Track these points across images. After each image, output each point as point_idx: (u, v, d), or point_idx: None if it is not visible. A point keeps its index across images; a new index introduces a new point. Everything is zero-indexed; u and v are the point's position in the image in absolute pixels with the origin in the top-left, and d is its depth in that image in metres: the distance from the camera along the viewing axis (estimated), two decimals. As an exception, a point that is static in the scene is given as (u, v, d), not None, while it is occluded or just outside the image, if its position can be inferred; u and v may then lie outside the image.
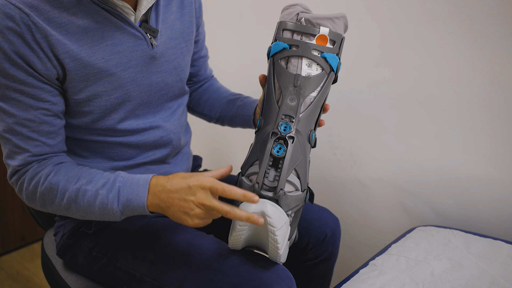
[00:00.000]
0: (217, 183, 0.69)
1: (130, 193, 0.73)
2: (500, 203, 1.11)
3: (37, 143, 0.77)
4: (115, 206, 0.73)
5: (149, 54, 0.83)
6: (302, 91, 0.75)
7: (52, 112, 0.77)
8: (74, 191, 0.74)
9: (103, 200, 0.73)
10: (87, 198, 0.74)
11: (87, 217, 0.77)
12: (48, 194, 0.75)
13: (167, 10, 0.87)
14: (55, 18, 0.72)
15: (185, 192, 0.70)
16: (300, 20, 0.77)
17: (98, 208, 0.74)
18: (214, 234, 0.91)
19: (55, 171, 0.76)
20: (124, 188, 0.74)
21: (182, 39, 0.91)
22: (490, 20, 1.03)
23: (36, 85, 0.74)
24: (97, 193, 0.74)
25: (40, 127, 0.76)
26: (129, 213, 0.75)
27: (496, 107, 1.07)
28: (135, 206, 0.73)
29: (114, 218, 0.75)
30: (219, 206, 0.69)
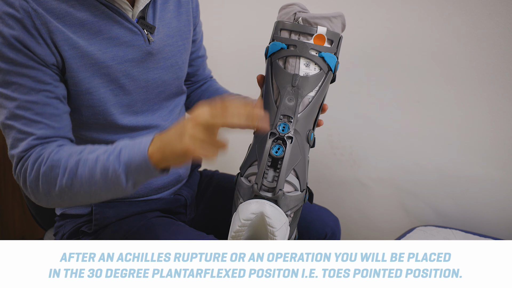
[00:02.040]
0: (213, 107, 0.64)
1: (131, 150, 0.67)
2: (500, 203, 1.11)
3: (41, 126, 0.73)
4: (117, 167, 0.67)
5: (146, 50, 0.83)
6: (300, 91, 0.75)
7: (54, 95, 0.75)
8: (75, 163, 0.69)
9: (104, 164, 0.67)
10: (88, 166, 0.69)
11: (94, 193, 0.70)
12: (50, 173, 0.70)
13: (164, 8, 0.88)
14: (54, 9, 0.73)
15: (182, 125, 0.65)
16: (298, 20, 0.77)
17: (100, 175, 0.68)
18: (213, 234, 0.91)
19: (57, 150, 0.73)
20: (125, 149, 0.68)
21: (179, 37, 0.91)
22: (490, 20, 1.03)
23: (37, 67, 0.73)
24: (98, 159, 0.68)
25: (44, 109, 0.74)
26: (133, 174, 0.67)
27: (496, 107, 1.07)
28: (137, 161, 0.66)
29: (119, 186, 0.68)
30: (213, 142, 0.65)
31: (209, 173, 1.10)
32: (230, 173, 1.12)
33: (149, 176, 0.69)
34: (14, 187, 1.50)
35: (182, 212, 0.98)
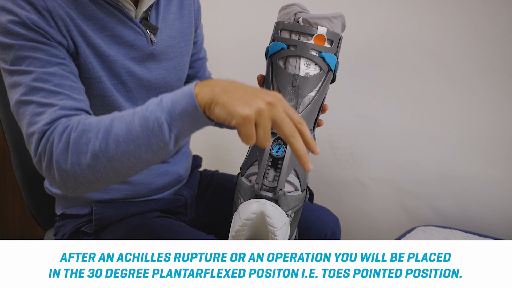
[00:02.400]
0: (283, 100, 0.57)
1: (174, 95, 0.58)
2: (500, 203, 1.11)
3: (63, 96, 0.67)
4: (159, 115, 0.57)
5: (148, 50, 0.84)
6: (301, 91, 0.75)
7: (70, 70, 0.72)
8: (109, 122, 0.61)
9: (143, 113, 0.59)
10: (124, 121, 0.60)
11: (133, 153, 0.60)
12: (81, 139, 0.61)
13: (167, 9, 0.88)
14: (59, 2, 0.73)
15: (257, 90, 0.57)
16: (298, 20, 0.77)
17: (140, 127, 0.58)
18: (214, 234, 0.91)
19: (88, 117, 0.65)
20: (167, 96, 0.59)
21: (182, 39, 0.91)
22: (490, 20, 1.03)
23: (50, 43, 0.71)
24: (136, 112, 0.60)
25: (63, 81, 0.68)
26: (178, 121, 0.58)
27: (496, 107, 1.07)
28: (183, 104, 0.57)
29: (162, 139, 0.58)
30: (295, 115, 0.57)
31: (209, 173, 1.10)
32: (230, 173, 1.12)
33: (194, 123, 0.58)
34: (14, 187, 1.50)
35: (182, 212, 0.98)
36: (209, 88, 0.56)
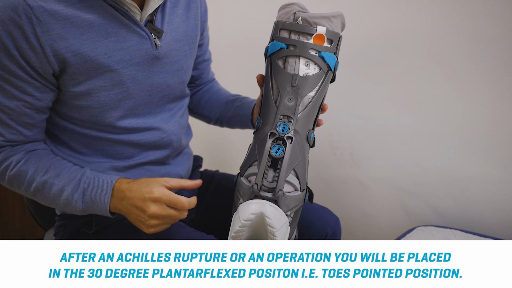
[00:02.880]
0: (165, 195, 0.74)
1: (94, 195, 0.77)
2: (500, 203, 1.11)
3: (13, 131, 0.78)
4: (79, 205, 0.78)
5: (152, 54, 0.83)
6: (300, 91, 0.75)
7: (34, 107, 0.78)
8: (41, 183, 0.78)
9: (68, 197, 0.78)
10: (53, 192, 0.78)
11: (51, 206, 0.81)
12: (16, 179, 0.79)
13: (173, 12, 0.87)
14: (60, 11, 0.73)
15: (140, 203, 0.75)
16: (297, 20, 0.77)
17: (63, 203, 0.78)
18: (214, 234, 0.91)
19: (26, 159, 0.79)
20: (88, 190, 0.78)
21: (186, 42, 0.91)
22: (490, 20, 1.03)
23: (25, 78, 0.75)
24: (63, 189, 0.78)
25: (19, 118, 0.78)
26: (90, 212, 0.79)
27: (496, 107, 1.07)
28: (98, 208, 0.78)
29: (75, 213, 0.80)
30: (174, 213, 0.75)
31: (210, 173, 1.10)
32: (231, 173, 1.12)
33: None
34: (14, 187, 1.50)
35: (182, 213, 0.98)
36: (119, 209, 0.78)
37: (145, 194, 0.74)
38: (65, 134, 0.85)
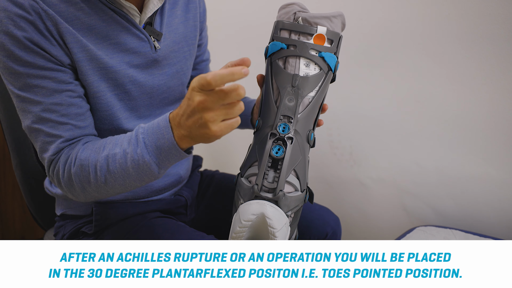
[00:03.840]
0: (202, 79, 0.61)
1: (156, 139, 0.68)
2: (500, 203, 1.11)
3: (69, 127, 0.75)
4: (147, 158, 0.68)
5: (152, 57, 0.83)
6: (300, 91, 0.75)
7: (77, 93, 0.76)
8: (104, 159, 0.71)
9: (133, 157, 0.69)
10: (118, 161, 0.70)
11: (129, 184, 0.72)
12: (82, 172, 0.72)
13: (171, 13, 0.87)
14: (63, 12, 0.73)
15: (186, 105, 0.64)
16: (297, 20, 0.77)
17: (132, 168, 0.70)
18: (214, 234, 0.91)
19: (83, 148, 0.74)
20: (148, 138, 0.69)
21: (185, 43, 0.91)
22: (490, 20, 1.03)
23: (56, 68, 0.73)
24: (126, 153, 0.70)
25: (69, 110, 0.75)
26: (164, 161, 0.69)
27: (496, 107, 1.07)
28: (166, 148, 0.68)
29: (152, 174, 0.70)
30: (216, 94, 0.61)
31: (210, 173, 1.10)
32: (231, 173, 1.12)
33: (178, 159, 0.70)
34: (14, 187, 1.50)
35: (183, 213, 0.98)
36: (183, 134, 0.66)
37: (185, 99, 0.65)
38: None
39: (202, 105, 0.61)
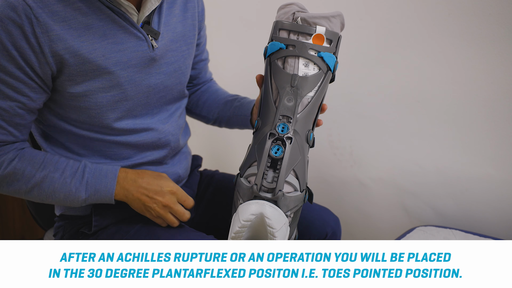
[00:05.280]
0: (179, 190, 0.84)
1: (98, 184, 0.80)
2: (500, 203, 1.11)
3: (4, 132, 0.78)
4: (82, 194, 0.80)
5: (149, 56, 0.83)
6: (300, 91, 0.75)
7: (27, 107, 0.77)
8: (41, 178, 0.79)
9: (70, 189, 0.79)
10: (53, 186, 0.79)
11: (44, 201, 0.81)
12: (11, 177, 0.78)
13: (169, 12, 0.87)
14: (59, 12, 0.73)
15: (155, 192, 0.82)
16: (296, 20, 0.77)
17: (63, 196, 0.80)
18: (214, 234, 0.91)
19: (19, 157, 0.79)
20: (92, 180, 0.80)
21: (184, 42, 0.91)
22: (490, 20, 1.03)
23: (22, 79, 0.74)
24: (65, 182, 0.79)
25: (12, 118, 0.77)
26: (93, 201, 0.82)
27: (496, 107, 1.07)
28: (102, 196, 0.81)
29: (72, 205, 0.82)
30: (181, 211, 0.84)
31: (210, 173, 1.10)
32: (231, 173, 1.12)
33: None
34: (14, 187, 1.50)
35: (183, 213, 0.98)
36: (124, 193, 0.82)
37: (163, 187, 0.83)
38: (61, 136, 0.85)
39: (166, 205, 0.83)
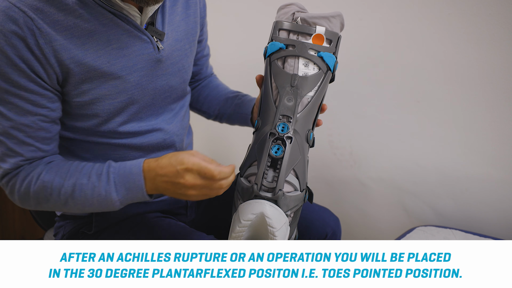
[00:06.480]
0: (204, 168, 0.70)
1: (127, 182, 0.75)
2: (500, 203, 1.11)
3: (32, 148, 0.76)
4: (114, 196, 0.75)
5: (155, 58, 0.82)
6: (299, 91, 0.75)
7: (49, 119, 0.76)
8: (70, 186, 0.75)
9: (100, 193, 0.75)
10: (84, 192, 0.75)
11: (85, 210, 0.78)
12: (42, 192, 0.75)
13: (172, 11, 0.86)
14: (61, 21, 0.71)
15: (174, 176, 0.72)
16: (296, 20, 0.77)
17: (97, 201, 0.75)
18: (214, 235, 0.91)
19: (47, 170, 0.76)
20: (119, 179, 0.75)
21: (187, 41, 0.90)
22: (490, 20, 1.03)
23: (37, 91, 0.73)
24: (93, 186, 0.75)
25: (37, 133, 0.76)
26: (128, 200, 0.76)
27: (496, 107, 1.07)
28: (135, 194, 0.75)
29: (112, 208, 0.77)
30: (208, 183, 0.71)
31: (210, 173, 1.10)
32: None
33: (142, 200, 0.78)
34: (14, 187, 1.50)
35: (183, 213, 0.98)
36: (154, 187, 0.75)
37: (176, 166, 0.71)
38: (65, 141, 0.84)
39: (192, 185, 0.71)
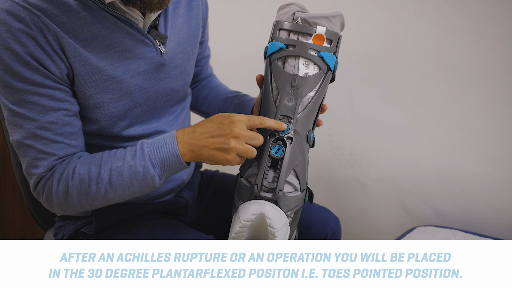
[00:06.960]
0: (253, 116, 0.72)
1: (161, 153, 0.73)
2: (500, 203, 1.11)
3: (62, 146, 0.75)
4: (151, 171, 0.73)
5: (158, 61, 0.82)
6: (300, 91, 0.75)
7: (72, 112, 0.75)
8: (107, 172, 0.73)
9: (138, 171, 0.73)
10: (122, 175, 0.73)
11: (128, 196, 0.75)
12: (81, 185, 0.74)
13: (175, 14, 0.86)
14: (64, 23, 0.71)
15: (218, 128, 0.71)
16: (297, 20, 0.77)
17: (136, 182, 0.74)
18: (214, 235, 0.91)
19: (80, 163, 0.74)
20: (153, 152, 0.73)
21: (189, 43, 0.90)
22: (490, 20, 1.03)
23: (54, 86, 0.72)
24: (129, 166, 0.73)
25: (64, 129, 0.74)
26: (167, 173, 0.74)
27: (496, 107, 1.07)
28: (170, 162, 0.73)
29: (153, 186, 0.75)
30: (255, 135, 0.71)
31: (210, 173, 1.10)
32: (231, 173, 1.12)
33: (179, 170, 0.76)
34: (14, 187, 1.50)
35: (183, 214, 0.98)
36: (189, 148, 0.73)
37: (223, 121, 0.71)
38: None
39: (237, 135, 0.70)
